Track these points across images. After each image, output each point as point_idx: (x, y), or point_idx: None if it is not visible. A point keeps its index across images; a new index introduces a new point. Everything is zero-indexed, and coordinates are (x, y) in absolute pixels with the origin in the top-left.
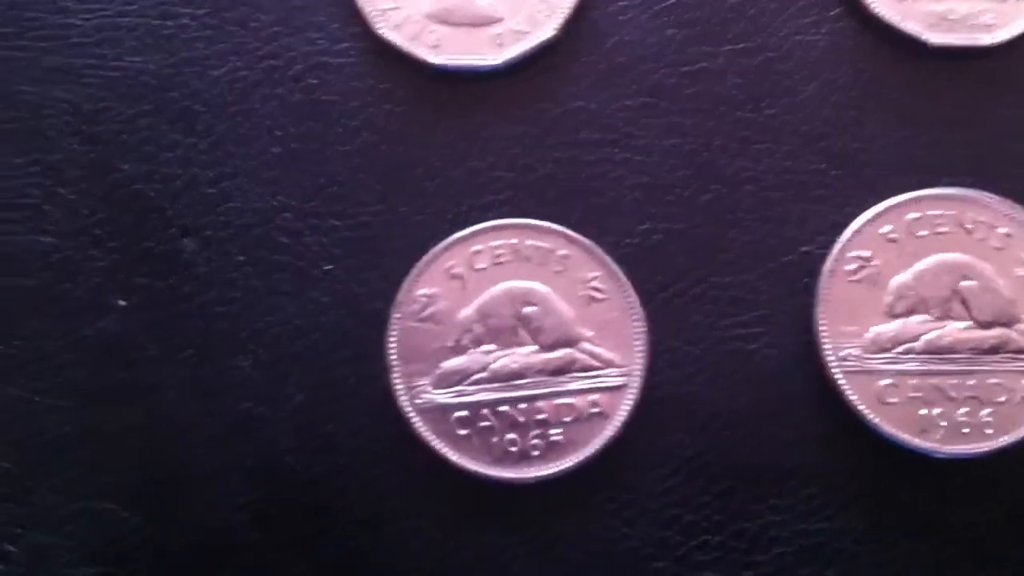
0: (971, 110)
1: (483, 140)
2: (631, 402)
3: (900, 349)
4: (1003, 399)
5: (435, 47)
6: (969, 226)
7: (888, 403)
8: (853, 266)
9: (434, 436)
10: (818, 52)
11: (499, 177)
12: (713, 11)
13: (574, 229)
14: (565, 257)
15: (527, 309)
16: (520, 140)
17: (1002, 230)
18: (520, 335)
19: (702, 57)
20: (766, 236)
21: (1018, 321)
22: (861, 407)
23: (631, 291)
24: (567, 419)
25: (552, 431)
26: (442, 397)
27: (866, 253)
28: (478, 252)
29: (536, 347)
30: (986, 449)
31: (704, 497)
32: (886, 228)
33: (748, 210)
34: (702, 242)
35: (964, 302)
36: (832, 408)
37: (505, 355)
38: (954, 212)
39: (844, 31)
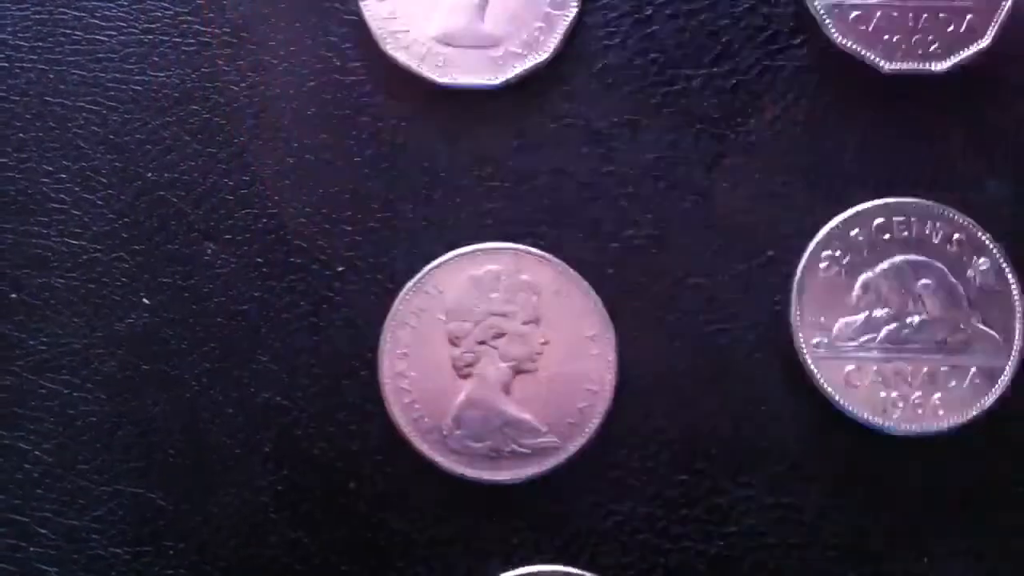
0: (924, 130)
1: (483, 152)
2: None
3: (865, 338)
4: (956, 383)
5: (440, 67)
6: (928, 231)
7: (853, 386)
8: (825, 264)
9: None
10: (784, 76)
11: (497, 187)
12: (692, 37)
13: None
14: None
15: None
16: (517, 153)
17: (956, 236)
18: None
19: (682, 79)
20: (739, 241)
21: (967, 318)
22: (829, 389)
23: None
24: None
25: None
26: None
27: (837, 253)
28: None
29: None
30: (939, 429)
31: (682, 475)
32: (855, 231)
33: (722, 218)
34: (681, 246)
35: (921, 298)
36: (800, 392)
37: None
38: (915, 219)
39: (808, 57)
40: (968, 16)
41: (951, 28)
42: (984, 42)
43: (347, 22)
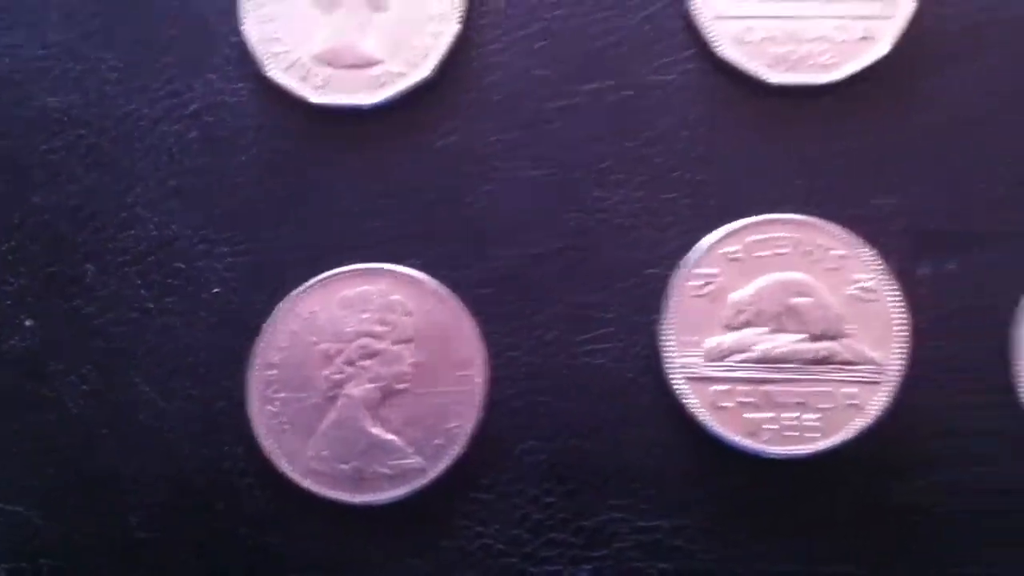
0: (810, 144)
1: (364, 172)
2: (481, 412)
3: (736, 358)
4: (828, 405)
5: (320, 87)
6: (807, 248)
7: (721, 407)
8: (698, 282)
9: None
10: (672, 91)
11: (381, 206)
12: (580, 52)
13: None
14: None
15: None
16: (400, 172)
17: (836, 252)
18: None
19: (569, 95)
20: (620, 259)
21: (845, 335)
22: (697, 411)
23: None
24: None
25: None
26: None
27: (711, 271)
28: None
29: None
30: (810, 451)
31: (550, 498)
32: (730, 248)
33: (605, 235)
34: (562, 265)
35: (797, 317)
36: (672, 414)
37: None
38: (793, 235)
39: (696, 72)
40: (862, 26)
41: (843, 39)
42: (878, 54)
43: (231, 44)
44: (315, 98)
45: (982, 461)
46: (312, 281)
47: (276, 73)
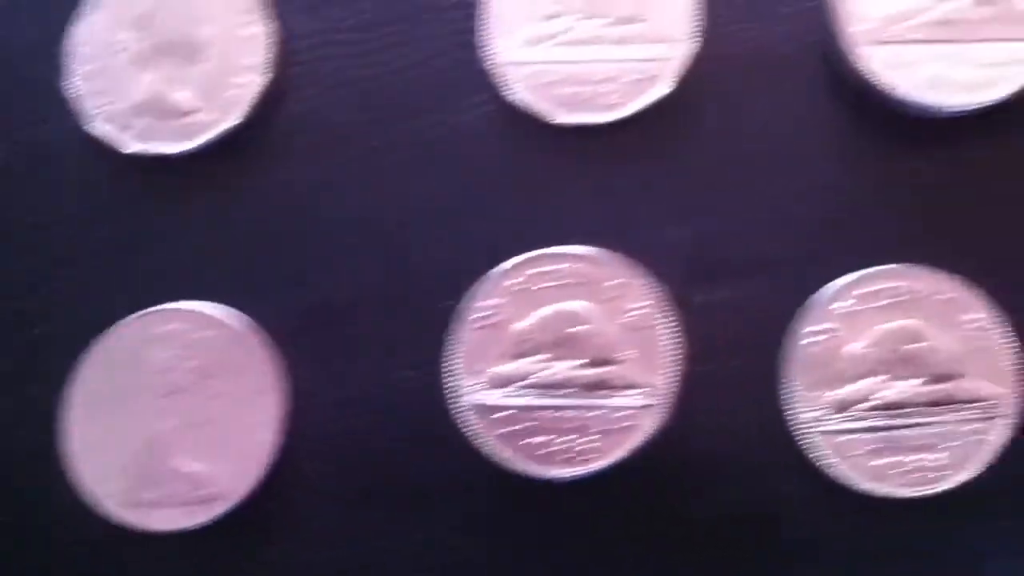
0: (595, 180)
1: (182, 219)
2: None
3: (517, 386)
4: (604, 428)
5: (138, 137)
6: (584, 279)
7: (506, 433)
8: (483, 314)
9: None
10: (463, 134)
11: (194, 250)
12: (383, 98)
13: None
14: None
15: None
16: (216, 218)
17: (614, 282)
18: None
19: (374, 137)
20: (415, 293)
21: (619, 361)
22: (483, 437)
23: None
24: None
25: None
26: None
27: (494, 302)
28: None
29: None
30: (589, 471)
31: (349, 524)
32: (513, 281)
33: (406, 273)
34: (372, 302)
35: (575, 344)
36: (461, 440)
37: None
38: (575, 267)
39: (488, 116)
40: (645, 69)
41: (631, 78)
42: (663, 89)
43: (56, 100)
44: (134, 147)
45: (754, 483)
46: (121, 322)
47: (98, 125)
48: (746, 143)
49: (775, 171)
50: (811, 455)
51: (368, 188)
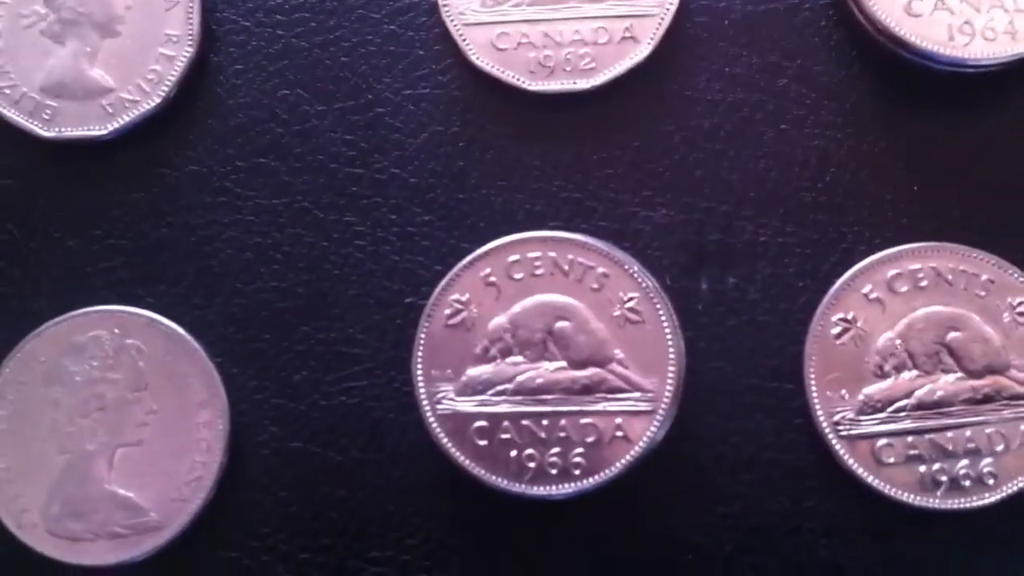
0: (572, 154)
1: (95, 208)
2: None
3: (495, 390)
4: (593, 437)
5: (48, 120)
6: (566, 267)
7: (481, 443)
8: (450, 311)
9: None
10: (427, 105)
11: (114, 244)
12: (325, 71)
13: None
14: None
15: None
16: (135, 206)
17: (600, 270)
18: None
19: (313, 116)
20: (372, 289)
21: (610, 361)
22: (453, 450)
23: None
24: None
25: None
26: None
27: (463, 297)
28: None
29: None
30: (573, 490)
31: (305, 554)
32: (485, 271)
33: (355, 265)
34: (309, 299)
35: (559, 343)
36: (430, 456)
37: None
38: (552, 253)
39: (452, 83)
40: (624, 28)
41: (605, 41)
42: (640, 56)
43: None
44: (44, 132)
45: (769, 499)
46: (41, 328)
47: (5, 108)
48: (741, 110)
49: (777, 141)
50: (836, 464)
51: (303, 172)
